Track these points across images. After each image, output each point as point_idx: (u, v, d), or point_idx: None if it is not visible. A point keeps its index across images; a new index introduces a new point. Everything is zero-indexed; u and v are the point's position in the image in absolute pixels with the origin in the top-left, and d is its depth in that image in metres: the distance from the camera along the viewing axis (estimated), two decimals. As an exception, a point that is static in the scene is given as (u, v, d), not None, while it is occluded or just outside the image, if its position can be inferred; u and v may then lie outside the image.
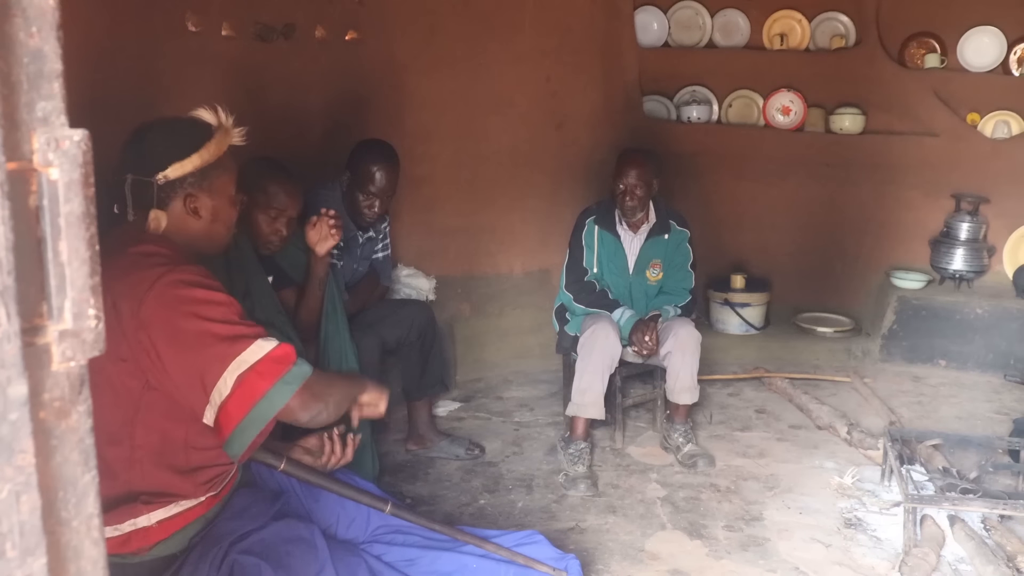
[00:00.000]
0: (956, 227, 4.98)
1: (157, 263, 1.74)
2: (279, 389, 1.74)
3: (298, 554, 1.87)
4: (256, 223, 3.00)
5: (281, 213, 3.01)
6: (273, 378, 1.73)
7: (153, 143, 1.88)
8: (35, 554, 0.62)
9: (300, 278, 3.21)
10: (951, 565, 2.86)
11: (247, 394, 1.71)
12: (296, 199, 3.05)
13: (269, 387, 1.72)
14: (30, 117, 0.62)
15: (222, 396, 1.70)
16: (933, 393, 4.59)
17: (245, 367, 1.71)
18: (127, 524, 1.78)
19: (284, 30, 4.00)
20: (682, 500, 3.39)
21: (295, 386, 1.76)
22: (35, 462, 0.62)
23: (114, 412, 1.72)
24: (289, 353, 1.77)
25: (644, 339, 3.65)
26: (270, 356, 1.74)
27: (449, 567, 2.10)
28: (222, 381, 1.70)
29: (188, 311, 1.70)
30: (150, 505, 1.80)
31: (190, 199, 1.88)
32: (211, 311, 1.72)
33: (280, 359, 1.75)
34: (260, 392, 1.72)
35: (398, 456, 3.75)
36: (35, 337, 0.62)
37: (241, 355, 1.71)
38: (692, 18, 5.57)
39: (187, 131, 1.90)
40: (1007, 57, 5.20)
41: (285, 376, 1.75)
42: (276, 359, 1.74)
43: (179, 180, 1.85)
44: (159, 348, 1.69)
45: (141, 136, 1.89)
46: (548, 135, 5.03)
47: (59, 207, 0.63)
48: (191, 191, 1.88)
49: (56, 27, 0.62)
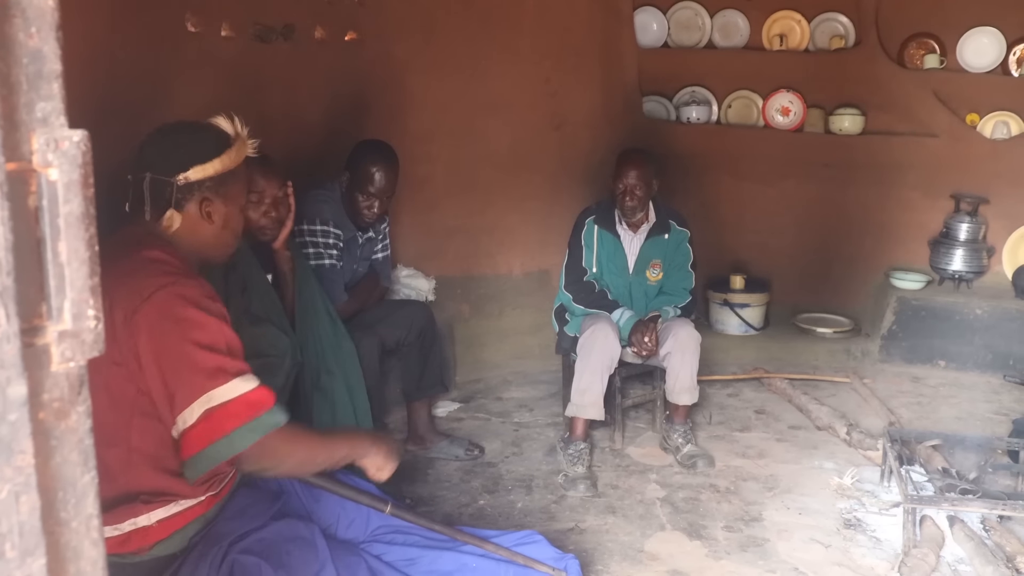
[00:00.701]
0: (955, 228, 4.99)
1: (161, 272, 1.74)
2: (242, 433, 1.71)
3: (298, 553, 1.87)
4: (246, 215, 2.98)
5: (262, 196, 2.95)
6: (240, 421, 1.70)
7: (177, 144, 1.89)
8: (34, 555, 0.62)
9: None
10: (950, 566, 2.86)
11: (209, 430, 1.69)
12: (273, 179, 2.97)
13: (233, 429, 1.70)
14: (29, 118, 0.62)
15: (186, 424, 1.69)
16: (932, 394, 4.59)
17: (215, 403, 1.69)
18: (127, 524, 1.78)
19: (284, 31, 4.00)
20: (681, 501, 3.39)
21: (259, 435, 1.72)
22: (34, 463, 0.62)
23: (110, 414, 1.72)
24: (265, 399, 1.74)
25: (643, 340, 3.65)
26: (244, 398, 1.71)
27: (449, 567, 2.10)
28: (189, 411, 1.69)
29: (177, 330, 1.69)
30: (150, 505, 1.80)
31: (206, 203, 1.89)
32: (200, 335, 1.70)
33: (253, 403, 1.72)
34: (222, 432, 1.70)
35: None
36: (34, 338, 0.63)
37: (214, 391, 1.69)
38: (691, 19, 5.57)
39: (210, 136, 1.92)
40: (1006, 58, 5.19)
41: (252, 422, 1.71)
42: (249, 402, 1.72)
43: (198, 183, 1.86)
44: (142, 358, 1.70)
45: (164, 136, 1.91)
46: (548, 136, 5.04)
47: (58, 208, 0.63)
48: (208, 195, 1.88)
49: (55, 28, 0.62)
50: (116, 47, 3.31)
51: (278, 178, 3.01)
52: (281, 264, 3.11)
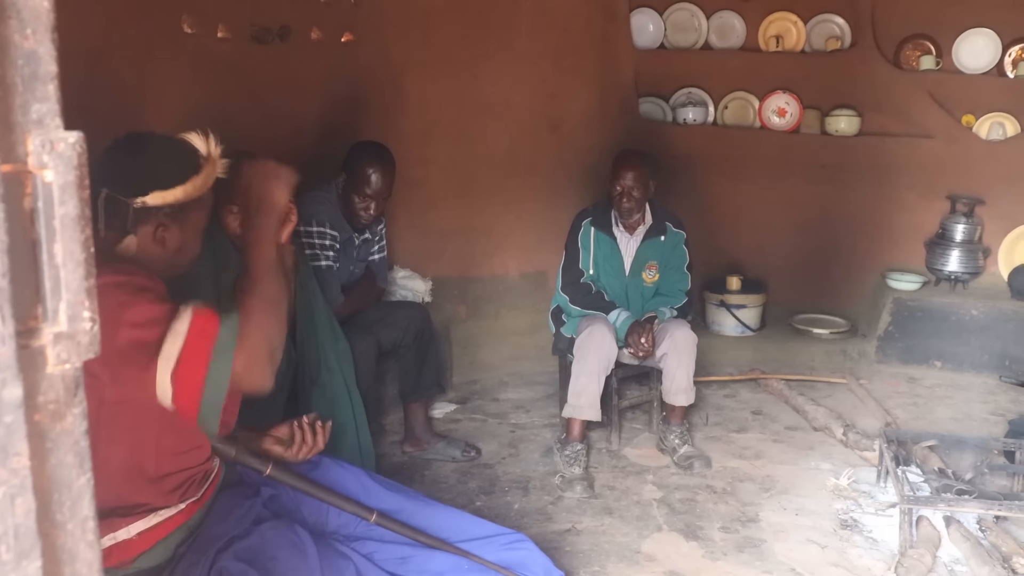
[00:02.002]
0: (951, 228, 4.99)
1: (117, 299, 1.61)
2: (217, 366, 1.61)
3: (285, 558, 1.85)
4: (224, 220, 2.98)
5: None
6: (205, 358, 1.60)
7: (138, 164, 1.76)
8: (30, 557, 0.62)
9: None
10: (947, 566, 2.86)
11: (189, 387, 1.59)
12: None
13: (205, 371, 1.60)
14: (25, 119, 0.62)
15: (168, 396, 1.59)
16: (929, 394, 4.60)
17: (173, 361, 1.58)
18: (107, 539, 1.72)
19: (280, 32, 3.99)
20: (678, 502, 3.39)
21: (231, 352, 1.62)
22: (30, 465, 0.62)
23: None
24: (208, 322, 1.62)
25: (640, 341, 3.65)
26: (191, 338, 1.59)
27: (442, 566, 2.07)
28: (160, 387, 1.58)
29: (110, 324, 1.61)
30: (127, 518, 1.76)
31: (161, 228, 1.76)
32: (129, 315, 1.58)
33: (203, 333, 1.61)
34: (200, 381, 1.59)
35: (395, 458, 3.74)
36: (30, 339, 0.62)
37: (160, 352, 1.58)
38: (688, 20, 5.57)
39: (175, 159, 1.78)
40: (1002, 59, 5.20)
41: (216, 351, 1.61)
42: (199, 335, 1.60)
43: (156, 208, 1.74)
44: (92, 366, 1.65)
45: (127, 151, 1.78)
46: (544, 137, 5.03)
47: (54, 209, 0.63)
48: (165, 222, 1.76)
49: (51, 29, 0.62)
50: (112, 48, 3.30)
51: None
52: (284, 260, 3.11)
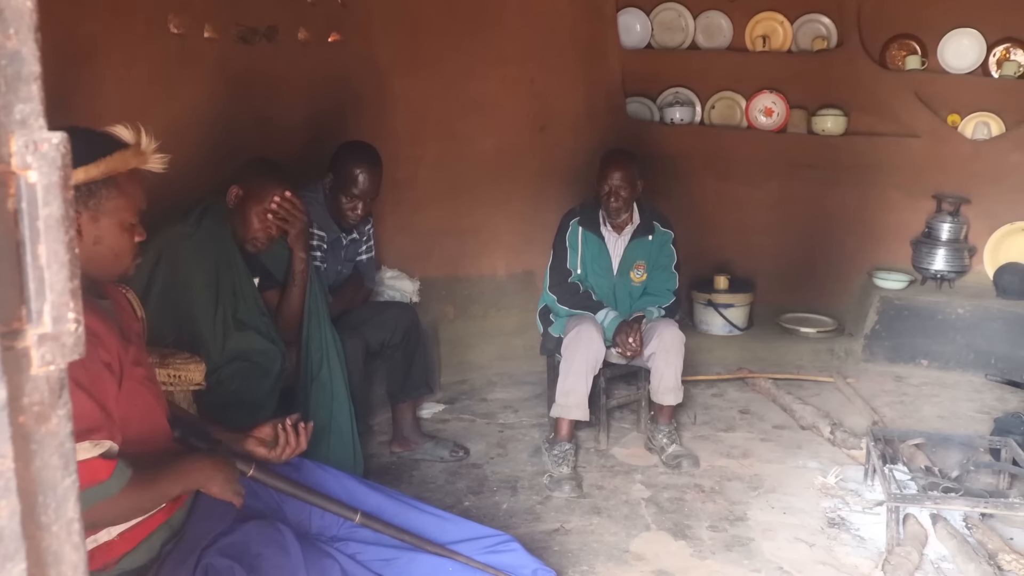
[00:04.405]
0: (937, 228, 5.02)
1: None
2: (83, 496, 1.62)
3: (271, 555, 1.84)
4: (248, 220, 3.02)
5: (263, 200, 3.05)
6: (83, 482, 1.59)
7: None
8: (15, 560, 0.61)
9: (283, 278, 3.22)
10: (933, 563, 2.88)
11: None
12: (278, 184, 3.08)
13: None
14: (8, 120, 0.61)
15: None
16: (915, 393, 4.62)
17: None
18: (88, 541, 1.69)
19: (267, 32, 3.98)
20: (666, 501, 3.40)
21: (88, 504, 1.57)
22: (14, 467, 0.61)
23: None
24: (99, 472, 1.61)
25: (628, 340, 3.66)
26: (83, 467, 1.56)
27: (426, 568, 2.07)
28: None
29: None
30: None
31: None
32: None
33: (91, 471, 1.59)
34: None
35: (383, 458, 3.74)
36: (14, 341, 0.62)
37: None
38: (675, 20, 5.59)
39: (83, 142, 1.66)
40: (986, 59, 5.24)
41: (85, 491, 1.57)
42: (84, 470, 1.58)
43: None
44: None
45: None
46: (532, 137, 5.04)
47: (38, 210, 0.62)
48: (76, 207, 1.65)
49: (34, 29, 0.62)
50: (97, 48, 3.29)
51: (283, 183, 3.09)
52: (295, 264, 3.19)
